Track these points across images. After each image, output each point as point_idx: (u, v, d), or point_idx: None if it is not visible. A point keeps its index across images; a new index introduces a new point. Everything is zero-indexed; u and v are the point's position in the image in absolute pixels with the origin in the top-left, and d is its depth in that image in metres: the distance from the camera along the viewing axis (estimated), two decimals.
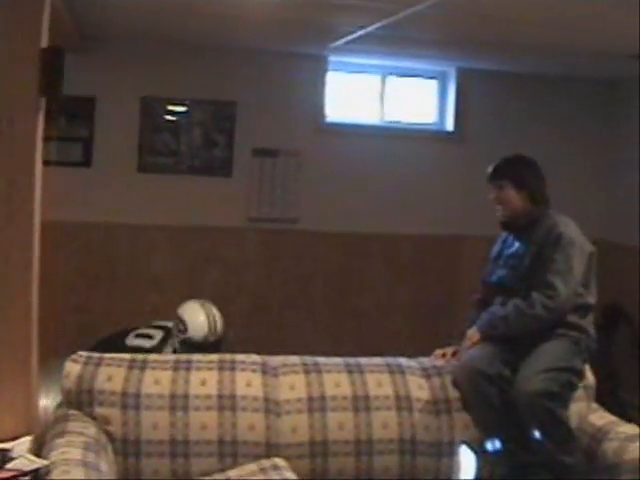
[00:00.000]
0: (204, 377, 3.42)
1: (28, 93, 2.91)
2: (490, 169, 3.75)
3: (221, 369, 3.47)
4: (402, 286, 6.27)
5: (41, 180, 3.15)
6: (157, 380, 3.38)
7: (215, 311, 3.90)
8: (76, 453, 2.90)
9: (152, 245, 5.86)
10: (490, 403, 3.36)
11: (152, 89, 5.77)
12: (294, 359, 3.62)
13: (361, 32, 4.71)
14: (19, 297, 3.01)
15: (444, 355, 3.73)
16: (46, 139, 5.55)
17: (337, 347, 6.06)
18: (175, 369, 3.44)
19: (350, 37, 4.95)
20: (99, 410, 3.30)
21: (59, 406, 3.42)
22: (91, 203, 5.73)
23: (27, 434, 3.09)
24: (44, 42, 2.98)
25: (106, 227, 5.78)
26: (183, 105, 5.87)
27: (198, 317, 3.84)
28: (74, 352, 3.47)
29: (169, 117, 5.84)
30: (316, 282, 6.18)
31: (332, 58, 6.06)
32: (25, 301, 3.03)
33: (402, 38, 5.11)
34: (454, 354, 3.69)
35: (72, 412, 3.33)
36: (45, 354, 3.58)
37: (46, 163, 5.60)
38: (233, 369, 3.47)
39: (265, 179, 6.04)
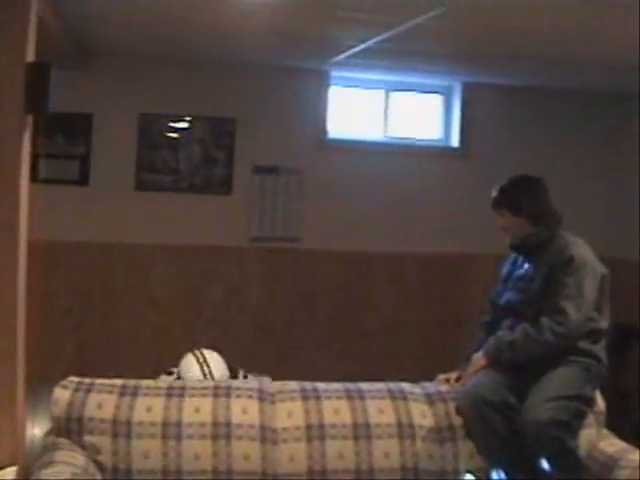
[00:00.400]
0: (198, 404, 3.29)
1: (13, 109, 2.80)
2: (492, 195, 3.64)
3: (216, 396, 3.34)
4: (407, 305, 6.13)
5: (27, 199, 3.02)
6: (149, 407, 3.26)
7: (213, 357, 3.74)
8: None
9: (151, 265, 5.74)
10: (495, 431, 3.21)
11: (150, 106, 5.68)
12: (292, 385, 3.48)
13: (362, 46, 4.60)
14: (3, 323, 2.88)
15: (448, 380, 3.59)
16: (41, 157, 5.55)
17: (341, 367, 5.92)
18: (168, 396, 3.31)
19: (351, 51, 4.84)
20: (89, 439, 3.18)
21: (48, 434, 3.29)
22: (88, 222, 5.63)
23: (12, 464, 2.98)
24: (30, 57, 2.88)
25: (103, 246, 5.67)
26: (182, 122, 5.76)
27: (190, 369, 3.70)
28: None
29: (168, 134, 5.73)
30: (319, 301, 6.05)
31: (334, 73, 5.96)
32: (10, 327, 2.91)
33: (405, 52, 5.02)
34: (458, 379, 3.55)
35: (61, 440, 3.20)
36: (41, 375, 3.48)
37: (41, 181, 5.58)
38: (228, 396, 3.35)
39: (266, 197, 5.93)
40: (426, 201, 6.12)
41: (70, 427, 3.20)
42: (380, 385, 3.55)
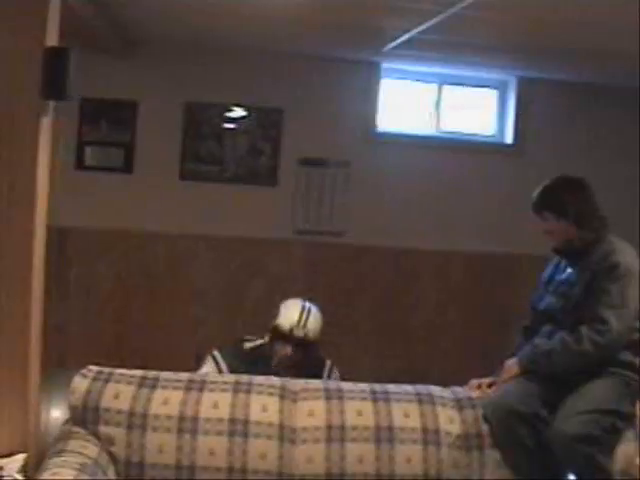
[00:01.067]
0: (217, 399, 3.21)
1: (30, 94, 2.74)
2: (533, 198, 3.47)
3: (236, 391, 3.25)
4: (452, 305, 5.97)
5: (47, 185, 2.96)
6: (166, 400, 3.19)
7: (314, 312, 3.71)
8: (68, 474, 2.74)
9: (193, 255, 5.68)
10: (522, 444, 3.05)
11: (196, 94, 5.61)
12: (316, 383, 3.37)
13: (410, 34, 4.45)
14: (17, 308, 2.84)
15: (479, 386, 3.43)
16: (86, 143, 5.55)
17: (383, 367, 5.80)
18: (187, 389, 3.24)
19: (397, 41, 4.70)
20: (103, 429, 3.13)
21: (65, 423, 3.25)
22: (131, 210, 5.61)
23: (23, 451, 2.93)
24: (51, 41, 2.82)
25: (146, 235, 5.63)
26: (228, 112, 5.68)
27: (291, 308, 3.68)
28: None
29: (213, 124, 5.65)
30: (362, 299, 5.92)
31: (385, 65, 5.81)
32: (23, 312, 2.87)
33: (456, 44, 4.85)
34: (490, 385, 3.39)
35: (76, 430, 3.17)
36: (80, 364, 3.44)
37: (87, 168, 5.59)
38: (249, 392, 3.25)
39: (312, 190, 5.82)
40: (476, 198, 5.94)
41: (86, 417, 3.16)
42: (408, 387, 3.41)
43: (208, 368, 3.61)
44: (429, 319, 5.97)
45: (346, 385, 3.39)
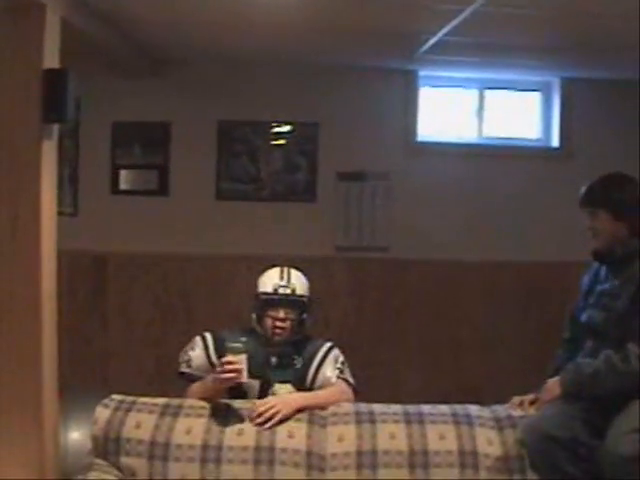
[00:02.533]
0: (242, 427, 3.08)
1: (30, 119, 2.66)
2: (582, 191, 3.22)
3: (256, 426, 3.08)
4: (504, 318, 5.71)
5: (52, 209, 2.86)
6: (189, 429, 3.08)
7: (294, 270, 3.45)
8: None
9: (231, 276, 5.56)
10: (560, 469, 2.81)
11: (229, 112, 5.51)
12: (347, 407, 3.21)
13: (434, 39, 4.29)
14: (26, 340, 2.74)
15: (521, 403, 3.22)
16: (119, 167, 5.50)
17: (434, 385, 5.60)
18: (212, 416, 3.10)
19: (426, 45, 4.53)
20: (125, 460, 3.04)
21: (88, 454, 3.15)
22: (168, 233, 5.52)
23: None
24: (50, 63, 2.73)
25: (183, 258, 5.54)
26: (262, 128, 5.56)
27: (267, 273, 3.46)
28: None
29: (247, 141, 5.54)
30: (409, 314, 5.72)
31: (423, 73, 5.63)
32: (35, 342, 2.76)
33: (490, 45, 4.67)
34: (532, 402, 3.18)
35: (97, 462, 3.08)
36: (121, 390, 3.34)
37: (121, 192, 5.53)
38: (268, 428, 3.08)
39: (352, 204, 5.65)
40: (524, 205, 5.69)
41: (107, 447, 3.07)
42: (444, 408, 3.23)
43: (196, 351, 3.37)
44: (480, 333, 5.73)
45: (378, 407, 3.22)
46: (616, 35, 4.28)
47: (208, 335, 3.40)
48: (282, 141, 5.60)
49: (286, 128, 5.59)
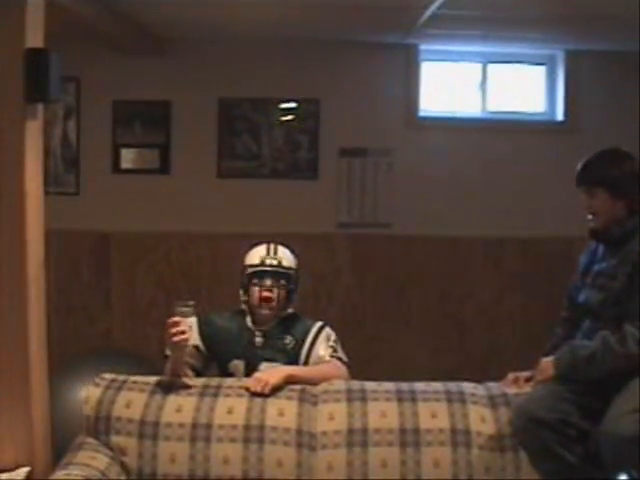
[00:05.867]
0: (232, 405, 3.08)
1: (11, 99, 2.64)
2: (578, 168, 3.15)
3: (253, 396, 3.09)
4: (509, 293, 5.67)
5: (38, 191, 2.84)
6: (179, 407, 3.08)
7: (280, 246, 3.51)
8: None
9: (235, 254, 5.49)
10: (553, 454, 2.77)
11: (229, 90, 5.47)
12: (338, 385, 3.19)
13: (428, 11, 4.22)
14: (13, 320, 2.74)
15: (516, 380, 3.18)
16: (120, 146, 5.49)
17: (438, 362, 5.57)
18: (201, 395, 3.11)
19: (422, 18, 4.46)
20: (115, 439, 3.04)
21: (79, 434, 3.16)
22: (169, 211, 5.51)
23: (28, 464, 2.85)
24: (33, 43, 2.70)
25: (186, 236, 5.53)
26: (262, 105, 5.52)
27: (254, 247, 3.51)
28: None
29: (248, 119, 5.50)
30: (413, 291, 5.68)
31: (424, 47, 5.56)
32: (20, 324, 2.75)
33: (498, 19, 4.59)
34: (528, 380, 3.14)
35: (88, 440, 3.09)
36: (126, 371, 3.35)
37: (122, 171, 5.52)
38: (266, 396, 3.09)
39: (354, 181, 5.61)
40: (528, 180, 5.62)
41: (98, 427, 3.07)
42: (437, 385, 3.21)
43: None
44: (485, 309, 5.69)
45: (370, 385, 3.20)
46: (619, 4, 4.20)
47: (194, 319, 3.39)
48: (289, 117, 5.55)
49: (291, 105, 5.55)
